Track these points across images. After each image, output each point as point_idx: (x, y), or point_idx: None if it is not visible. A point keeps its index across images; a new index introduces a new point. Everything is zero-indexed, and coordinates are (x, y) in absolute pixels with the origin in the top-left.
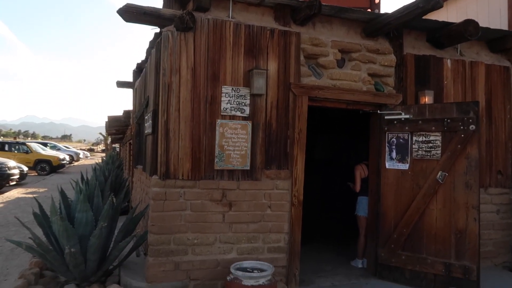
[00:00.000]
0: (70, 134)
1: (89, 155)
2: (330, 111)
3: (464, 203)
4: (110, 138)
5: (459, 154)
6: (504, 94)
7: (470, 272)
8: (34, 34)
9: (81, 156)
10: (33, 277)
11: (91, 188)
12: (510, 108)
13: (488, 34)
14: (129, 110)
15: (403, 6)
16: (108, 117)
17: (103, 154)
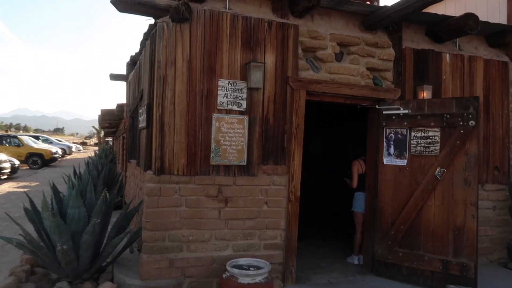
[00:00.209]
0: (63, 128)
1: (81, 149)
2: (327, 106)
3: (462, 200)
4: (103, 132)
5: (458, 150)
6: (502, 89)
7: (468, 269)
8: (25, 25)
9: (73, 149)
10: (24, 274)
11: (84, 183)
12: (508, 103)
13: (487, 28)
14: (122, 103)
15: None
16: (101, 110)
17: (96, 147)
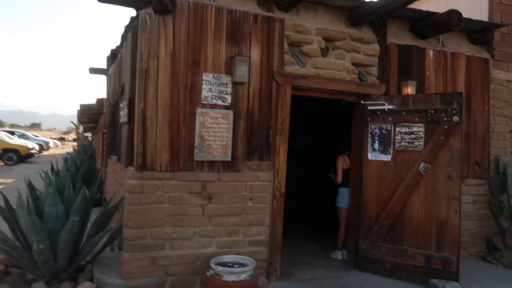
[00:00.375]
0: (40, 123)
1: (59, 144)
2: (312, 102)
3: (446, 195)
4: (82, 127)
5: (442, 145)
6: (483, 86)
7: (450, 263)
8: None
9: (51, 145)
10: None
11: (62, 179)
12: (488, 100)
13: (469, 25)
14: (102, 98)
15: None
16: (80, 105)
17: (75, 143)
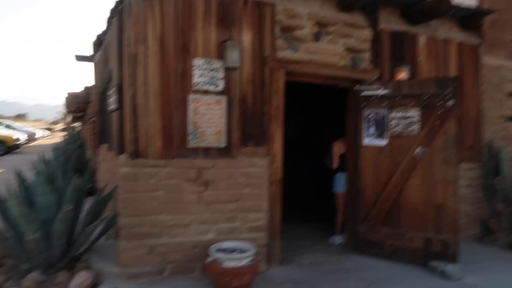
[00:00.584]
0: (26, 113)
1: (48, 133)
2: (305, 89)
3: (442, 179)
4: (70, 117)
5: (437, 130)
6: (474, 71)
7: (449, 245)
8: None
9: (39, 135)
10: None
11: (52, 169)
12: (480, 85)
13: (459, 11)
14: (90, 86)
15: None
16: (68, 93)
17: (63, 133)
